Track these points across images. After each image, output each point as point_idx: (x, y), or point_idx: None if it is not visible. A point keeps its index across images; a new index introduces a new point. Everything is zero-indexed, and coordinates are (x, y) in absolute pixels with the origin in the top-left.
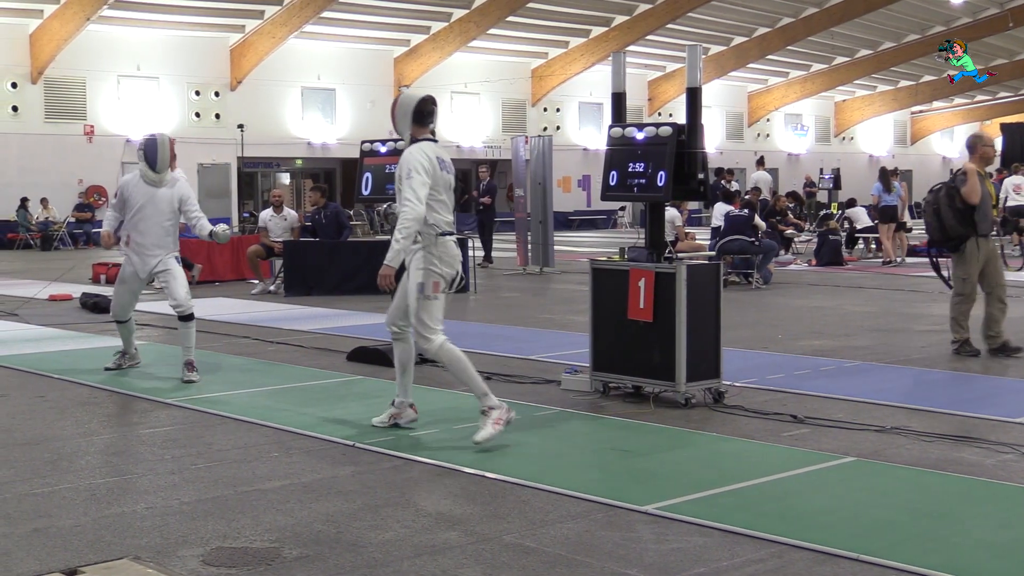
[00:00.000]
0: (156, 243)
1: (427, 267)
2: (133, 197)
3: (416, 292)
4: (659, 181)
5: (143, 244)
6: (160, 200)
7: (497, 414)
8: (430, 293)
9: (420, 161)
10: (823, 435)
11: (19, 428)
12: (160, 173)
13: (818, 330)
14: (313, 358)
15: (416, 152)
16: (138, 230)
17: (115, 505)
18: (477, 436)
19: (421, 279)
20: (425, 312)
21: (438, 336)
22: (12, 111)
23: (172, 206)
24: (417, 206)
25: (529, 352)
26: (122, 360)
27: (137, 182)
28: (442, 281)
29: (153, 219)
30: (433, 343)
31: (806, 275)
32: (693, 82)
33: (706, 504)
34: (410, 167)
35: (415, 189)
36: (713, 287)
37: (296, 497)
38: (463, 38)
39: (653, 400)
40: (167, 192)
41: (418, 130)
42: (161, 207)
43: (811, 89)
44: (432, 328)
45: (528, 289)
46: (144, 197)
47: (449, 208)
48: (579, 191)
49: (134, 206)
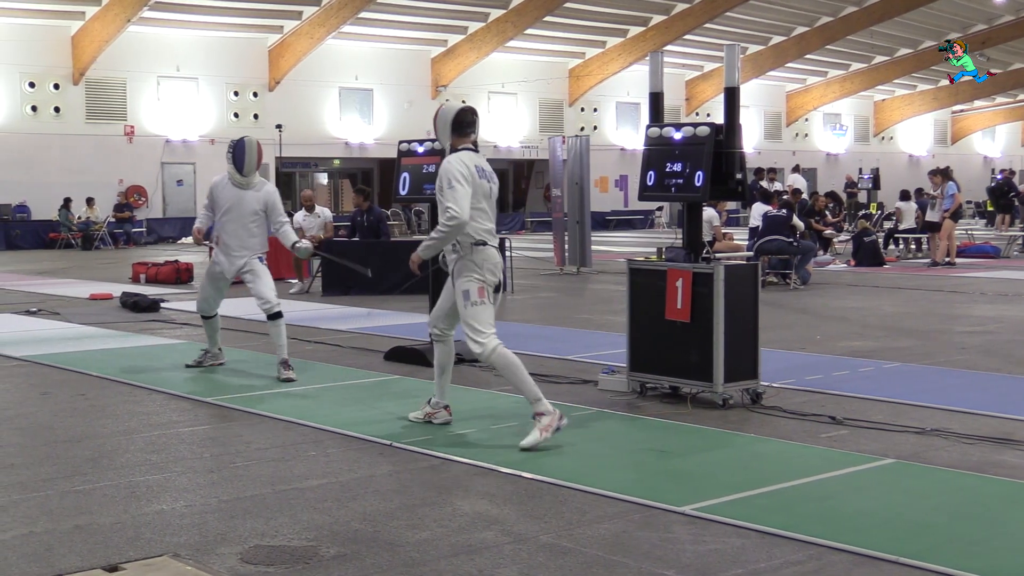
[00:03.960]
0: (241, 244)
1: (469, 274)
2: (221, 199)
3: (463, 300)
4: (697, 181)
5: (229, 245)
6: (246, 203)
7: (547, 421)
8: (476, 299)
9: (459, 170)
10: (862, 436)
11: (61, 426)
12: (247, 176)
13: (857, 331)
14: (350, 357)
15: (454, 162)
16: (225, 231)
17: (155, 503)
18: (523, 441)
19: (465, 287)
20: (473, 318)
21: (491, 340)
22: (54, 112)
23: (257, 209)
24: (459, 216)
25: (566, 352)
26: (204, 358)
27: (225, 184)
28: (487, 286)
29: (239, 221)
30: (486, 347)
31: (845, 275)
32: (731, 82)
33: (743, 505)
34: (450, 177)
35: (457, 199)
36: (751, 287)
37: (333, 496)
38: (500, 38)
39: (690, 401)
40: (253, 195)
41: (458, 140)
42: (246, 209)
43: (850, 88)
44: (483, 332)
45: (565, 289)
46: (231, 199)
47: (489, 216)
48: (616, 191)
49: (222, 207)
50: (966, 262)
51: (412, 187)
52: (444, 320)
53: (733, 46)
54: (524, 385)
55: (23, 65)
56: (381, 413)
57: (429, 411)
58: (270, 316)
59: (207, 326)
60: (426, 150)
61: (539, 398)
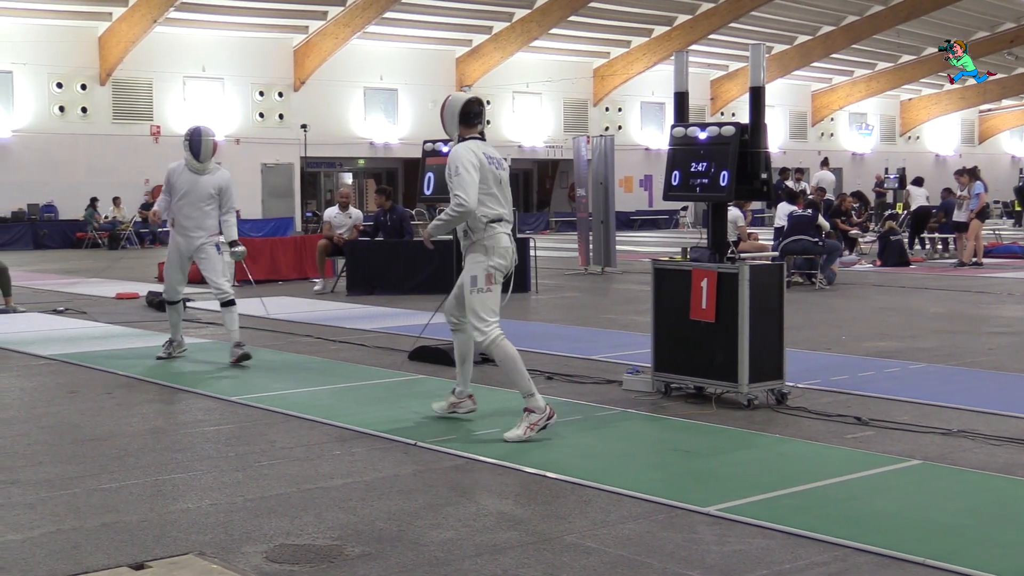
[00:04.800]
0: (197, 225)
1: (478, 260)
2: (178, 183)
3: (470, 286)
4: (722, 181)
5: (186, 226)
6: (202, 187)
7: (534, 418)
8: (483, 286)
9: (467, 158)
10: (888, 437)
11: (87, 424)
12: (203, 162)
13: (883, 331)
14: (375, 357)
15: (462, 150)
16: (182, 213)
17: (180, 501)
18: (507, 434)
19: (473, 272)
20: (479, 305)
21: (493, 329)
22: (81, 112)
23: (212, 193)
24: (467, 202)
25: (591, 352)
26: (171, 348)
27: (182, 170)
28: (496, 274)
29: (194, 204)
30: (488, 336)
31: (870, 276)
32: (756, 81)
33: (768, 506)
34: (457, 164)
35: (464, 185)
36: (776, 288)
37: (358, 495)
38: (525, 38)
39: (715, 401)
40: (208, 179)
41: (466, 130)
42: (202, 193)
43: (876, 88)
44: (486, 320)
45: (590, 289)
46: (187, 184)
47: (500, 201)
48: (641, 191)
49: (179, 191)
50: (993, 262)
51: (437, 187)
52: (459, 309)
53: (758, 45)
54: (520, 379)
55: (50, 66)
56: (406, 413)
57: (454, 400)
58: (223, 304)
59: (171, 312)
60: (451, 150)
61: (532, 393)
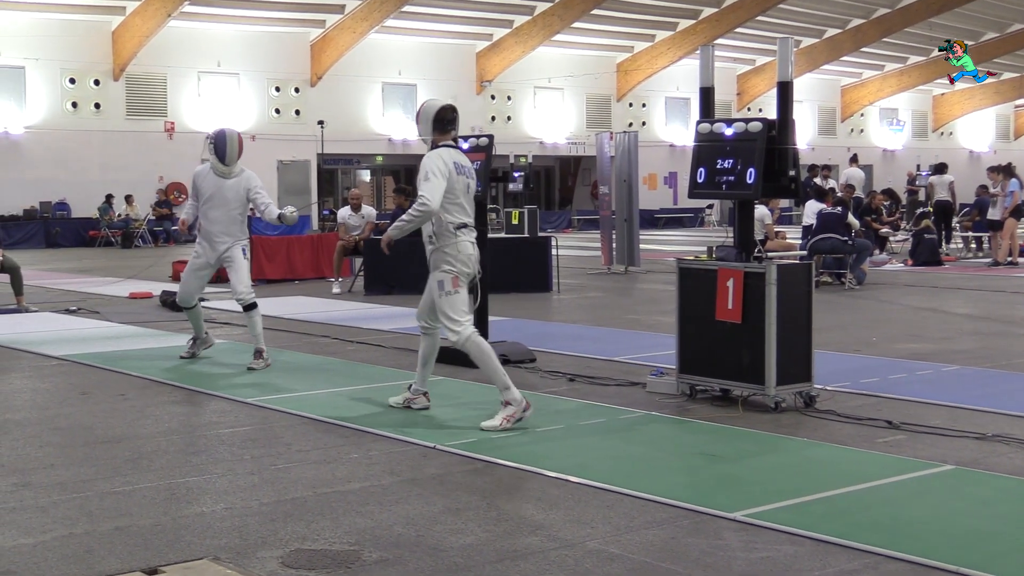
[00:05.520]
0: (224, 231)
1: (443, 266)
2: (203, 187)
3: (438, 291)
4: (749, 178)
5: (211, 232)
6: (228, 190)
7: (511, 410)
8: (450, 289)
9: (437, 165)
10: (920, 442)
11: (100, 426)
12: (229, 166)
13: (915, 333)
14: (393, 358)
15: (434, 157)
16: (208, 218)
17: (195, 505)
18: (484, 423)
19: (440, 277)
20: (449, 307)
21: (465, 328)
22: (95, 108)
23: (239, 196)
24: (430, 204)
25: (614, 353)
26: (196, 347)
27: (207, 173)
28: (461, 276)
29: (221, 208)
30: (461, 335)
31: (902, 275)
32: (784, 76)
33: (796, 512)
34: (427, 170)
35: (431, 190)
36: (804, 288)
37: (376, 499)
38: (546, 32)
39: (742, 404)
40: (234, 183)
41: (439, 136)
42: (228, 197)
43: (908, 82)
44: (457, 321)
45: (613, 289)
46: (213, 187)
47: (465, 211)
48: (665, 188)
49: (204, 195)
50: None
51: None
52: (430, 314)
53: (786, 39)
54: (495, 373)
55: (63, 61)
56: (424, 415)
57: (409, 396)
58: (245, 307)
59: (191, 316)
60: (471, 146)
61: (508, 386)
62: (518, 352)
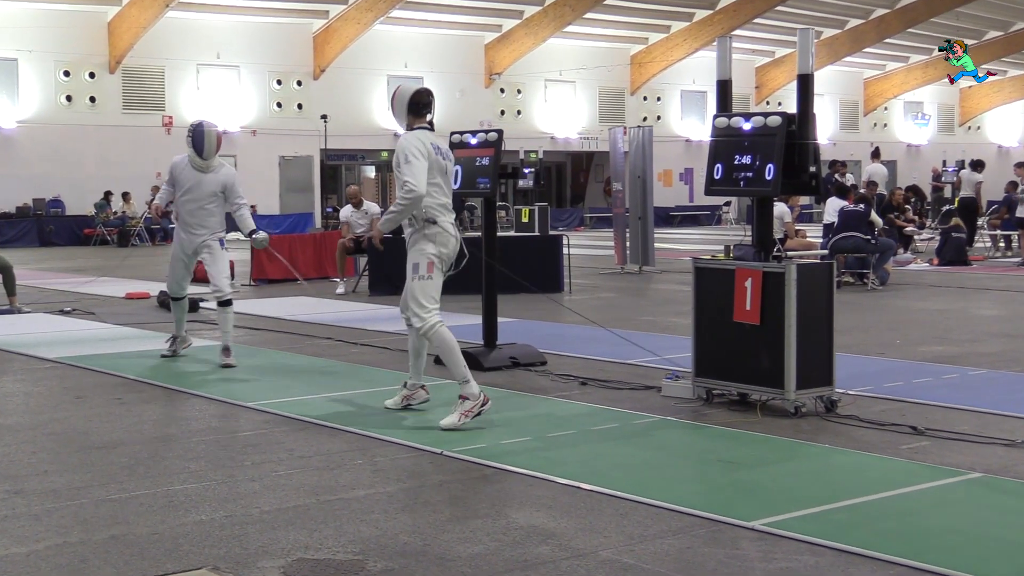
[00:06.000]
0: (200, 223)
1: (420, 248)
2: (181, 179)
3: (412, 273)
4: (767, 174)
5: (189, 223)
6: (205, 185)
7: (469, 405)
8: (424, 273)
9: (416, 146)
10: (946, 448)
11: (96, 431)
12: (207, 159)
13: (940, 335)
14: (399, 361)
15: (411, 139)
16: (186, 210)
17: (193, 513)
18: (442, 421)
19: (416, 259)
20: (420, 292)
21: (432, 316)
22: (90, 102)
23: (216, 190)
24: (416, 188)
25: (627, 356)
26: (176, 345)
27: (185, 165)
28: (436, 260)
29: (198, 201)
30: (427, 323)
31: (927, 275)
32: (804, 68)
33: (817, 521)
34: (406, 153)
35: (413, 172)
36: (825, 288)
37: (381, 507)
38: (558, 23)
39: (760, 408)
40: (212, 177)
41: (414, 120)
42: (205, 191)
43: (933, 75)
44: (426, 307)
45: (626, 289)
46: (191, 180)
47: (444, 192)
48: (681, 185)
49: (182, 187)
50: None
51: (465, 180)
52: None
53: (807, 30)
54: (456, 366)
55: (57, 53)
56: (431, 419)
57: (406, 394)
58: (220, 303)
59: (176, 308)
60: (479, 141)
61: (467, 380)
62: (528, 355)
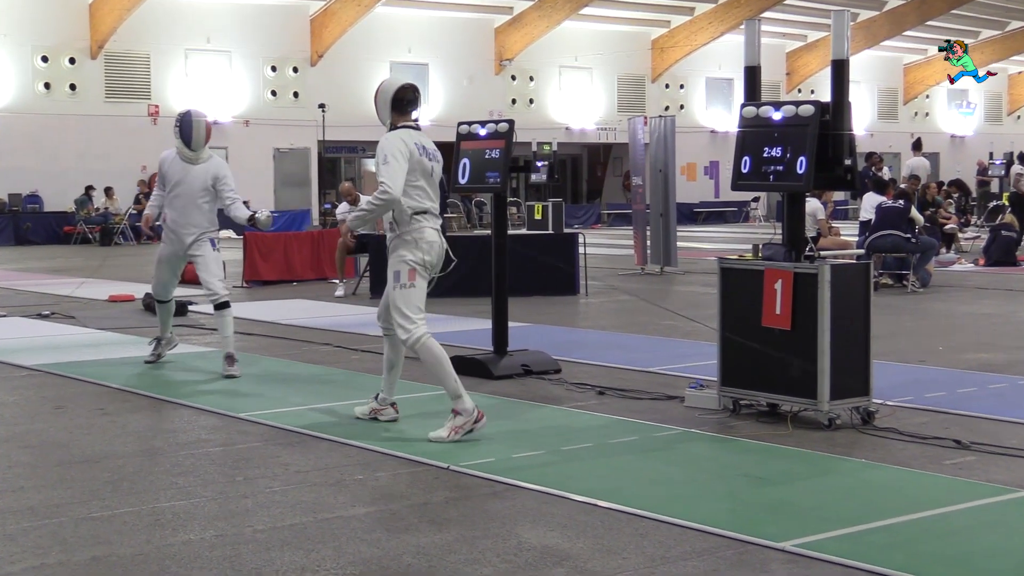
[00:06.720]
0: (190, 221)
1: (400, 255)
2: (170, 173)
3: (393, 281)
4: (799, 168)
5: (178, 222)
6: (194, 177)
7: (460, 421)
8: (406, 281)
9: (396, 146)
10: (992, 464)
11: (76, 444)
12: (196, 151)
13: (987, 341)
14: (402, 369)
15: (393, 139)
16: (173, 207)
17: (181, 532)
18: (431, 433)
19: (396, 267)
20: (403, 301)
21: (418, 328)
22: (70, 90)
23: (206, 183)
24: (391, 191)
25: (648, 363)
26: (160, 349)
27: (174, 158)
28: (419, 267)
29: (187, 196)
30: (412, 335)
31: (972, 277)
32: (839, 53)
33: (853, 541)
34: (386, 153)
35: (391, 174)
36: (862, 290)
37: (383, 526)
38: (573, 5)
39: (791, 420)
40: (202, 169)
41: (398, 117)
42: (195, 184)
43: (980, 60)
44: (410, 318)
45: (647, 291)
46: (180, 174)
47: (428, 195)
48: (706, 179)
49: (171, 182)
50: None
51: (473, 175)
52: (391, 315)
53: (842, 12)
54: (447, 380)
55: (35, 37)
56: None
57: (376, 407)
58: (216, 306)
59: (161, 311)
60: (489, 132)
61: (460, 395)
62: (541, 362)
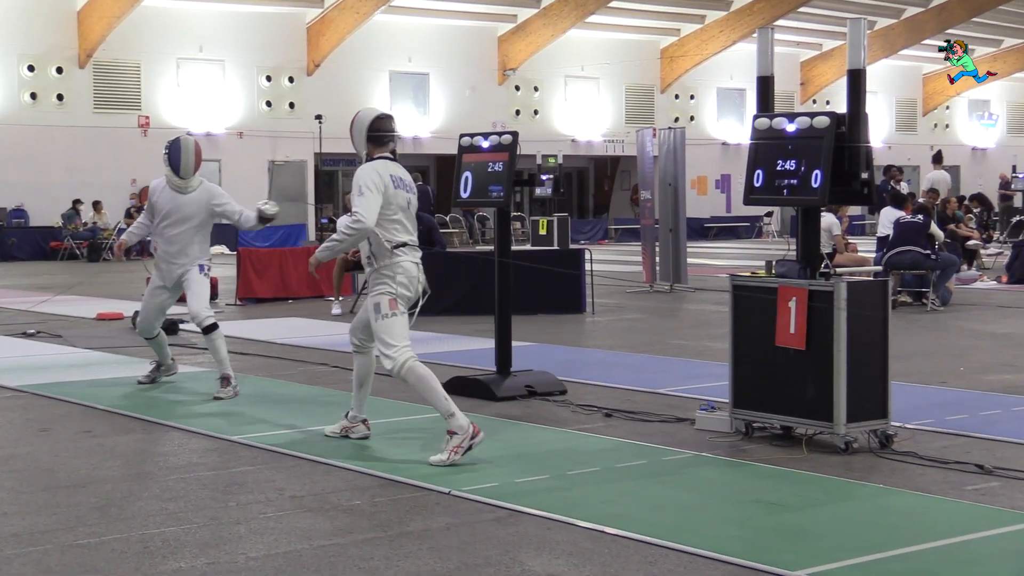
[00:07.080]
0: (182, 251)
1: (381, 286)
2: (159, 204)
3: (374, 313)
4: (814, 182)
5: (169, 252)
6: (186, 206)
7: (457, 440)
8: (387, 312)
9: (372, 178)
10: (1017, 490)
11: (63, 468)
12: (185, 178)
13: (1010, 362)
14: (402, 389)
15: (368, 170)
16: (164, 238)
17: (171, 559)
18: (432, 458)
19: (376, 299)
20: (385, 332)
21: (401, 353)
22: (57, 100)
23: (200, 212)
24: (364, 221)
25: (657, 384)
26: (157, 373)
27: (163, 188)
28: (398, 299)
29: (179, 226)
30: (396, 362)
31: (995, 295)
32: (856, 63)
33: (870, 571)
34: (361, 184)
35: (365, 205)
36: (879, 308)
37: (381, 553)
38: (580, 12)
39: (806, 444)
40: (193, 197)
41: (374, 149)
42: (187, 213)
43: (1002, 69)
44: (393, 346)
45: (656, 310)
46: (170, 204)
47: (405, 228)
48: (717, 193)
49: (160, 212)
50: None
51: (475, 189)
52: (364, 331)
53: (858, 20)
54: (437, 400)
55: (21, 45)
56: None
57: (346, 424)
58: (205, 330)
59: (152, 345)
60: (492, 145)
61: (452, 413)
62: (546, 383)
